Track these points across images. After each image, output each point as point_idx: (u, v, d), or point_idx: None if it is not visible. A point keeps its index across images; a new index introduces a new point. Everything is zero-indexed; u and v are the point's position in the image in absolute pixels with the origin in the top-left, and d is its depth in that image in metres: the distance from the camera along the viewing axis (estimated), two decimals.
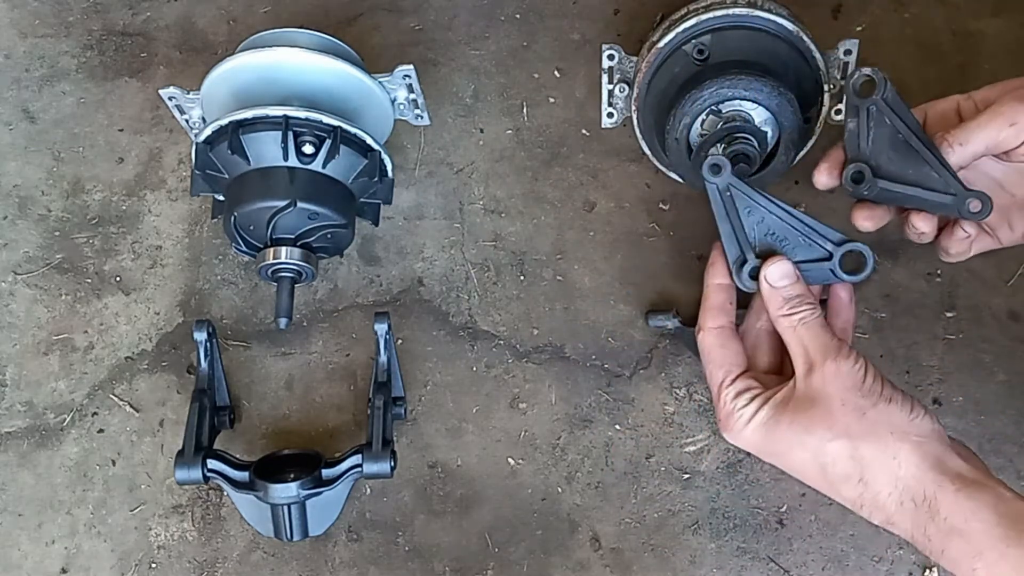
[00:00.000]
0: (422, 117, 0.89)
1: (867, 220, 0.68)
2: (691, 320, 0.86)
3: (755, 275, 0.65)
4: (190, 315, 0.91)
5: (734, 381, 0.66)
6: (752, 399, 0.65)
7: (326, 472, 0.80)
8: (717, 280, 0.69)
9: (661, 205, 0.91)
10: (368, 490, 0.86)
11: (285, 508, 0.78)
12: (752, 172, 0.75)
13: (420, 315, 0.90)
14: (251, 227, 0.80)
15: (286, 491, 0.77)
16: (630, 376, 0.87)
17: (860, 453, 0.61)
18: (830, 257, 0.65)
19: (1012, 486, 0.79)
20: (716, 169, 0.64)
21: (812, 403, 0.62)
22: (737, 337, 0.69)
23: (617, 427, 0.86)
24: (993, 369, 0.84)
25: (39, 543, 0.86)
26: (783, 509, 0.83)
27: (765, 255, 0.66)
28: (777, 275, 0.66)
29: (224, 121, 0.78)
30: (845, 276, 0.66)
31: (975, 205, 0.65)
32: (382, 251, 0.92)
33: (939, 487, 0.59)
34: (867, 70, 0.66)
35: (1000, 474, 0.80)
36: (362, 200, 0.86)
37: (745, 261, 0.65)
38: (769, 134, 0.75)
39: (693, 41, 0.76)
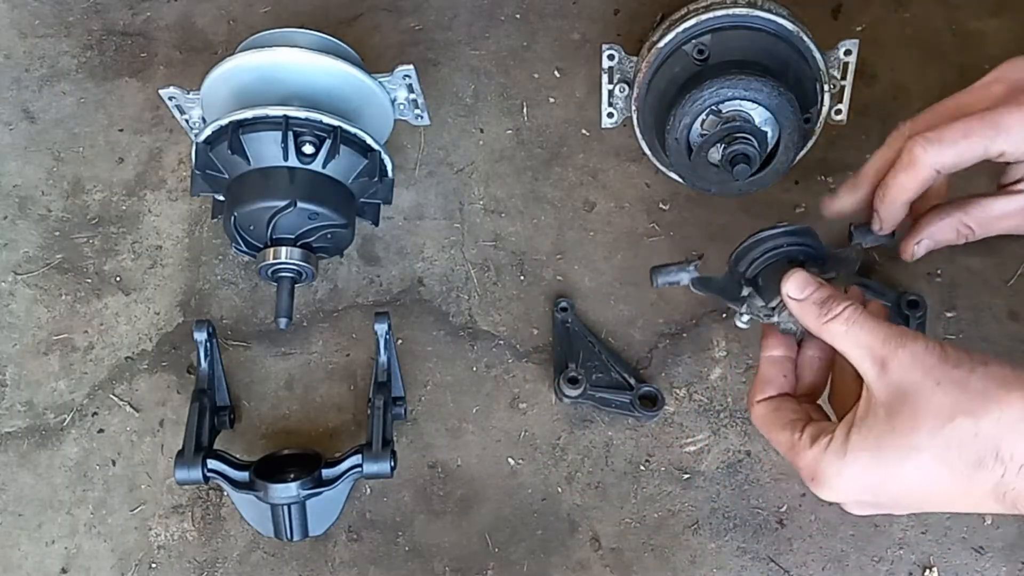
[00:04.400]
0: (422, 117, 0.89)
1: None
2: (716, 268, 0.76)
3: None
4: (190, 315, 0.91)
5: (802, 432, 0.58)
6: (831, 437, 0.56)
7: (326, 472, 0.80)
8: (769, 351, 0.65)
9: (661, 205, 0.91)
10: (368, 490, 0.86)
11: (285, 508, 0.78)
12: (752, 172, 0.75)
13: (420, 315, 0.90)
14: (251, 227, 0.80)
15: (286, 491, 0.77)
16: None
17: (982, 428, 0.51)
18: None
19: None
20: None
21: (903, 399, 0.52)
22: (793, 402, 0.63)
23: (617, 427, 0.86)
24: None
25: (39, 543, 0.86)
26: (783, 509, 0.83)
27: None
28: (796, 287, 0.59)
29: (224, 121, 0.78)
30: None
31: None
32: (382, 251, 0.92)
33: None
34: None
35: None
36: (362, 200, 0.86)
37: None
38: (769, 134, 0.75)
39: (693, 41, 0.76)
